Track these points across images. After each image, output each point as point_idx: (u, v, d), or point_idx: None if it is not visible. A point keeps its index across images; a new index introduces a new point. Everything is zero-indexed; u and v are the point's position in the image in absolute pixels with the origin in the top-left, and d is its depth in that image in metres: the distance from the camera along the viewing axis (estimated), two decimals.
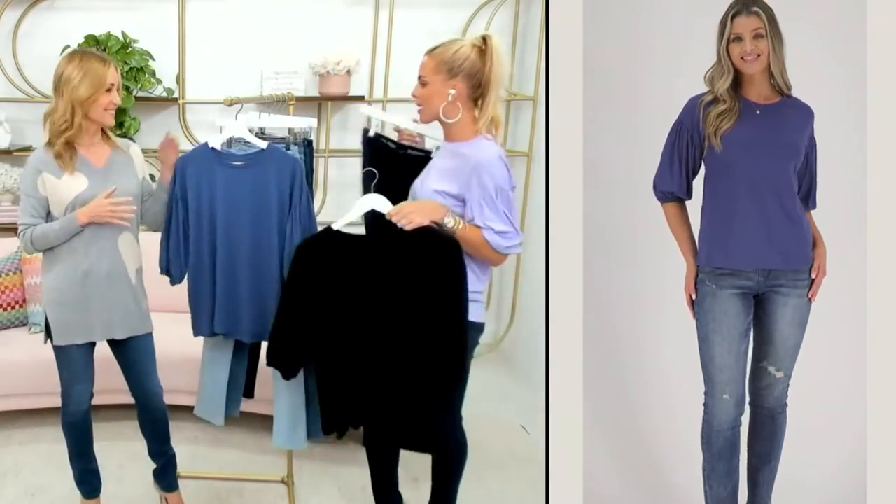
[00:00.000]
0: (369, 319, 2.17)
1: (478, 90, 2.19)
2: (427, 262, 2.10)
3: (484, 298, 2.30)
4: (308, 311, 2.18)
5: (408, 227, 2.09)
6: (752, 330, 2.13)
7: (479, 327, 2.26)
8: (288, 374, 2.29)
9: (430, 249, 2.10)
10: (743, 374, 2.13)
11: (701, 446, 2.24)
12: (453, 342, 2.15)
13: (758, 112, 2.06)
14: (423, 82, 2.20)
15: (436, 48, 2.19)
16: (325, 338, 2.20)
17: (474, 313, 2.21)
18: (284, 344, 2.24)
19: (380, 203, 2.17)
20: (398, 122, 2.56)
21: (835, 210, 3.06)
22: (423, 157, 2.43)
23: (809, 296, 2.09)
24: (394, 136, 2.56)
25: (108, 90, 2.32)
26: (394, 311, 2.15)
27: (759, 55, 2.00)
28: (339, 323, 2.19)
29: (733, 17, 2.02)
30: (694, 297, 2.14)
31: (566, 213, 2.25)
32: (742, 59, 2.01)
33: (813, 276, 2.11)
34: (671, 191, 2.24)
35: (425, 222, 2.10)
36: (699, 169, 2.20)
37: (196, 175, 2.35)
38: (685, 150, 2.15)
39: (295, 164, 2.33)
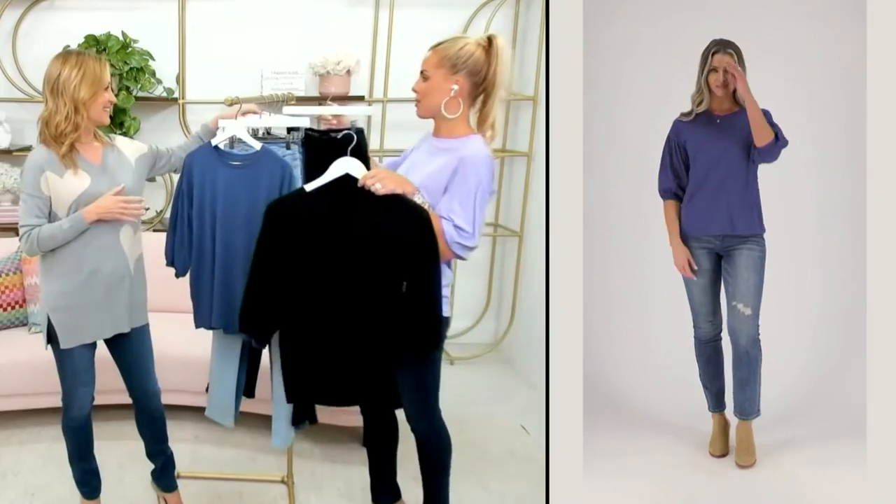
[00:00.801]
0: (337, 281, 2.17)
1: (478, 88, 2.19)
2: (397, 225, 2.10)
3: (448, 293, 2.28)
4: (276, 271, 2.18)
5: (380, 192, 2.10)
6: (720, 279, 2.71)
7: (445, 321, 2.25)
8: (261, 341, 2.32)
9: (401, 213, 2.11)
10: (715, 306, 2.74)
11: (696, 359, 2.82)
12: (426, 304, 2.15)
13: (718, 121, 2.64)
14: (424, 76, 2.19)
15: (440, 43, 2.19)
16: (293, 299, 2.20)
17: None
18: (255, 307, 2.23)
19: (354, 167, 2.17)
20: (316, 112, 2.66)
21: (834, 208, 3.09)
22: (348, 135, 2.41)
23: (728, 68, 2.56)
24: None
25: (106, 88, 2.33)
26: (361, 272, 2.15)
27: (727, 84, 2.58)
28: (307, 284, 2.18)
29: (713, 54, 2.57)
30: (689, 269, 2.69)
31: (566, 213, 2.25)
32: (716, 85, 2.59)
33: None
34: (668, 188, 2.74)
35: (398, 190, 2.12)
36: (688, 171, 2.70)
37: (201, 173, 2.40)
38: (672, 158, 2.71)
39: (284, 167, 2.38)
